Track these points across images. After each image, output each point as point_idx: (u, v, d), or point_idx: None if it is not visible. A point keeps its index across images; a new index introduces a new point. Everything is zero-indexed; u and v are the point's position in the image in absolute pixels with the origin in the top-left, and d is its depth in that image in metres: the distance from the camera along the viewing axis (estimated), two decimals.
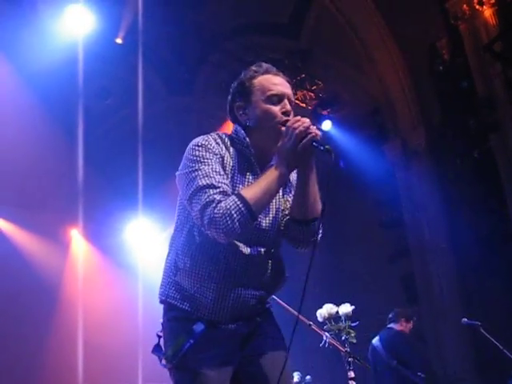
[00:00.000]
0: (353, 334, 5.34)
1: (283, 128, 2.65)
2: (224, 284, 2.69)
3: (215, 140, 2.76)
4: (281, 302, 4.65)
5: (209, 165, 2.65)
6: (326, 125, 11.43)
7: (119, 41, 9.61)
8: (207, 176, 2.61)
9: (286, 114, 2.73)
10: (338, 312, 5.51)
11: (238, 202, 2.54)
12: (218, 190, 2.58)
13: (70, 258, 12.07)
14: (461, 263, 10.28)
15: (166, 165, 5.57)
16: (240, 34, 11.38)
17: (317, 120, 11.47)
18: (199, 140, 2.75)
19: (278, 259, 2.86)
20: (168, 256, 2.85)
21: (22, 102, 9.55)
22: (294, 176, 2.83)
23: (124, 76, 10.16)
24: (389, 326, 7.16)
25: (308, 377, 9.94)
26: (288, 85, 2.84)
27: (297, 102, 11.51)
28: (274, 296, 3.07)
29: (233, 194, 2.61)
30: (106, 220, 11.33)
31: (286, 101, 2.76)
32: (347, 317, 5.48)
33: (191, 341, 2.67)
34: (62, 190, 10.71)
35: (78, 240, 12.18)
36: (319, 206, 2.74)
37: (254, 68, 2.86)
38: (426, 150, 11.10)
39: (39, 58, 9.10)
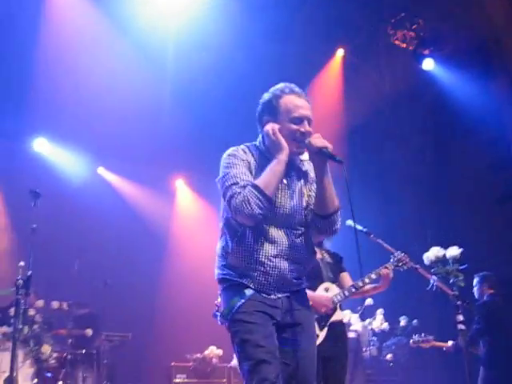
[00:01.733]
0: (461, 278, 5.28)
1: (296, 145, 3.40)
2: (266, 262, 3.35)
3: (243, 150, 3.53)
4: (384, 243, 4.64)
5: (236, 168, 3.39)
6: (428, 64, 11.07)
7: None
8: (234, 177, 3.35)
9: (303, 134, 3.38)
10: (445, 255, 5.44)
11: (252, 189, 3.25)
12: (239, 185, 3.30)
13: (176, 207, 12.42)
14: None
15: None
16: None
17: (418, 60, 11.13)
18: (229, 151, 3.53)
19: (307, 239, 3.51)
20: (219, 243, 3.57)
21: (126, 58, 9.76)
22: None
23: (219, 27, 10.13)
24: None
25: (415, 321, 9.91)
26: (309, 106, 3.46)
27: (396, 42, 11.18)
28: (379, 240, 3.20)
29: None
30: (211, 170, 11.51)
31: (305, 122, 3.40)
32: (455, 260, 5.41)
33: (242, 300, 3.32)
34: (167, 140, 10.97)
35: (183, 190, 12.49)
36: (336, 203, 3.41)
37: (280, 88, 3.50)
38: None
39: (137, 11, 9.23)
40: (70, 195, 10.25)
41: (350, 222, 5.42)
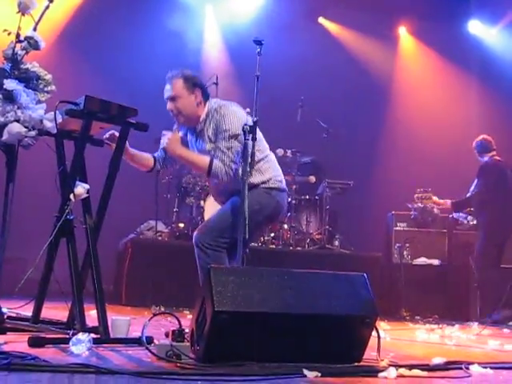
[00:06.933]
0: None
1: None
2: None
3: None
4: None
5: None
6: None
7: None
8: None
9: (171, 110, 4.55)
10: None
11: None
12: None
13: (399, 57, 12.05)
14: None
15: None
16: None
17: None
18: None
19: (217, 181, 4.63)
20: None
21: None
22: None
23: None
24: None
25: None
26: (169, 87, 4.47)
27: None
28: None
29: None
30: (435, 16, 10.94)
31: (168, 101, 4.48)
32: None
33: None
34: None
35: (406, 38, 12.04)
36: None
37: None
38: None
39: None
40: (288, 46, 10.20)
41: None
